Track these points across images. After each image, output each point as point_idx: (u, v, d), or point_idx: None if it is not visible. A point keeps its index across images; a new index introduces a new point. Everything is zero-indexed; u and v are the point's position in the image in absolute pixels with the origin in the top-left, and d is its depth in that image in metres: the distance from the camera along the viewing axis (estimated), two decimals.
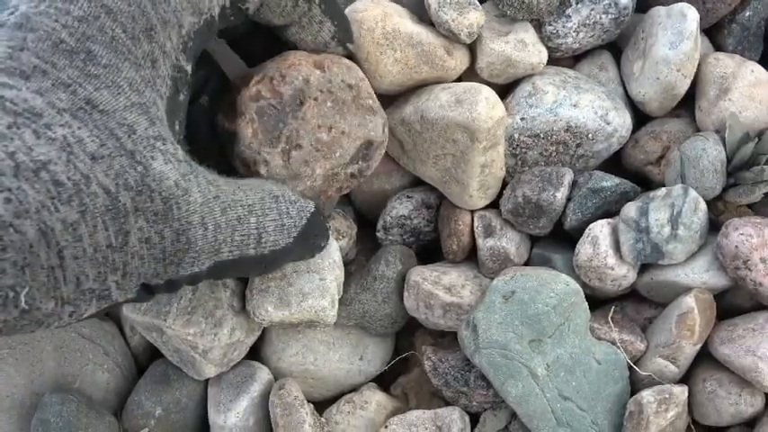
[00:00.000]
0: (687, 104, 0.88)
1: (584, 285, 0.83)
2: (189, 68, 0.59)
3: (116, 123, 0.51)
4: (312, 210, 0.67)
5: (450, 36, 0.81)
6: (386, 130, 0.75)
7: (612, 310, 0.84)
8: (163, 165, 0.52)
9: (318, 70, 0.71)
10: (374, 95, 0.75)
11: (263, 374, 0.87)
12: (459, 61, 0.84)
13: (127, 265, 0.52)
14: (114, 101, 0.51)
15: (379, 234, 0.91)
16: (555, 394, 0.79)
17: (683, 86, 0.84)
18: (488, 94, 0.80)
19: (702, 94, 0.86)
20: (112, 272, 0.51)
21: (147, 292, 0.55)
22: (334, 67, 0.72)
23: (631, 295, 0.87)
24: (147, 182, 0.51)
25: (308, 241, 0.69)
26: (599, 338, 0.82)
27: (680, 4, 0.84)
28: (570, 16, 0.85)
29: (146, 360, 0.91)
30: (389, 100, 0.87)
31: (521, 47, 0.84)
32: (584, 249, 0.81)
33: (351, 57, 0.77)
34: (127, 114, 0.52)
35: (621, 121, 0.85)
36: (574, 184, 0.84)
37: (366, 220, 0.96)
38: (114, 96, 0.51)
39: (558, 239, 0.88)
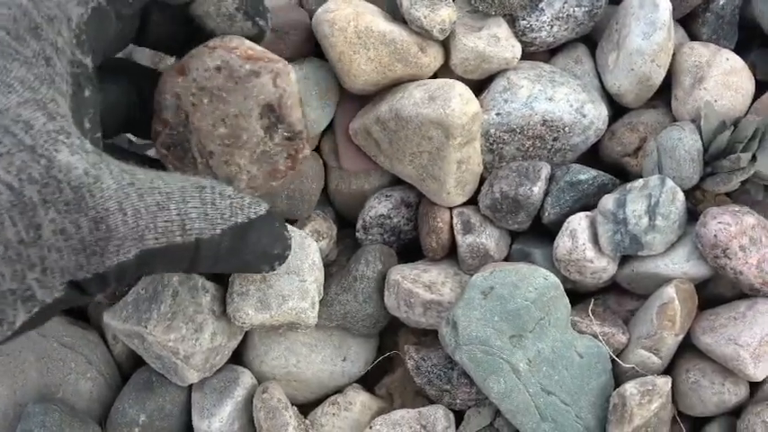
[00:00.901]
0: (663, 95, 0.88)
1: (564, 279, 0.82)
2: (88, 62, 0.58)
3: (10, 121, 0.50)
4: (259, 212, 0.63)
5: (423, 33, 0.81)
6: (279, 80, 0.69)
7: (592, 302, 0.84)
8: (69, 156, 0.51)
9: (180, 77, 0.68)
10: (255, 53, 0.69)
11: (246, 379, 0.86)
12: (434, 58, 0.83)
13: (45, 260, 0.50)
14: (5, 99, 0.50)
15: (359, 234, 0.91)
16: (538, 389, 0.79)
17: (658, 77, 0.84)
18: (462, 89, 0.79)
19: (678, 84, 0.86)
20: (30, 268, 0.50)
21: (76, 289, 0.54)
22: (193, 61, 0.68)
23: (613, 288, 0.87)
24: (52, 173, 0.50)
25: (256, 246, 0.66)
26: (581, 332, 0.82)
27: None
28: (543, 10, 0.85)
29: (129, 368, 0.91)
30: (365, 99, 0.88)
31: (494, 42, 0.83)
32: (562, 243, 0.81)
33: (259, 39, 0.72)
34: (21, 111, 0.50)
35: (597, 113, 0.85)
36: (551, 178, 0.84)
37: (346, 220, 0.95)
38: (5, 95, 0.50)
39: (538, 234, 0.87)
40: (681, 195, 0.80)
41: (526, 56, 0.87)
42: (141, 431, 0.85)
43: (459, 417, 0.86)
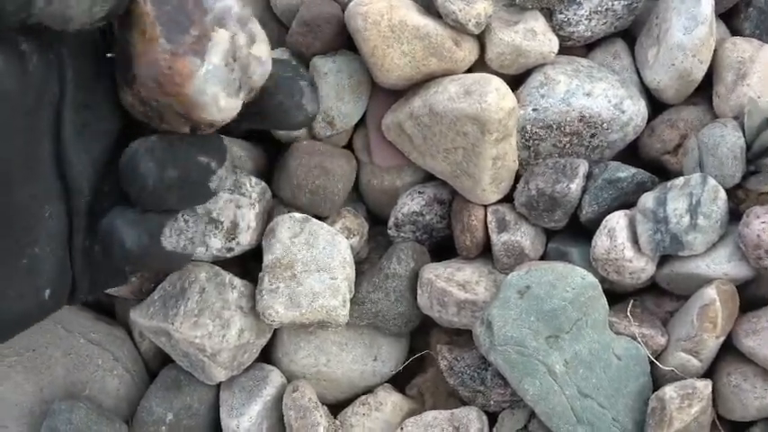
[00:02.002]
0: (704, 91, 0.85)
1: (602, 279, 0.81)
2: None
3: None
4: None
5: (458, 27, 0.79)
6: None
7: (631, 303, 0.82)
8: None
9: None
10: None
11: (275, 377, 0.86)
12: (469, 53, 0.82)
13: None
14: None
15: (391, 231, 0.89)
16: (574, 392, 0.77)
17: (699, 72, 0.82)
18: (498, 84, 0.78)
19: (719, 80, 0.84)
20: None
21: None
22: None
23: (651, 288, 0.85)
24: None
25: None
26: (618, 333, 0.80)
27: None
28: (581, 3, 0.83)
29: (157, 365, 0.90)
30: (398, 94, 0.86)
31: (530, 36, 0.82)
32: (600, 242, 0.79)
33: None
34: None
35: (636, 109, 0.83)
36: (589, 176, 0.82)
37: (378, 217, 0.94)
38: None
39: (575, 233, 0.86)
40: (723, 194, 0.78)
41: (563, 50, 0.85)
42: (168, 430, 0.85)
43: (492, 419, 0.84)
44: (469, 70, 0.84)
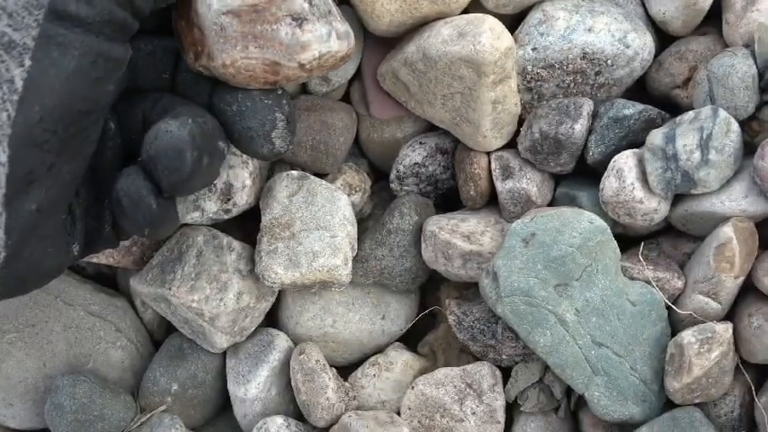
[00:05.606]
0: (713, 20, 0.82)
1: (614, 224, 0.78)
2: None
3: None
4: None
5: None
6: None
7: (643, 246, 0.79)
8: None
9: None
10: None
11: (281, 342, 0.84)
12: None
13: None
14: None
15: (393, 185, 0.87)
16: (587, 341, 0.75)
17: (706, 0, 0.78)
18: (493, 23, 0.74)
19: (728, 7, 0.80)
20: None
21: (60, 18, 0.52)
22: None
23: (668, 230, 0.82)
24: None
25: None
26: (632, 278, 0.77)
27: None
28: None
29: (161, 335, 0.89)
30: (392, 43, 0.83)
31: None
32: (609, 183, 0.76)
33: None
34: None
35: (642, 43, 0.79)
36: (595, 115, 0.79)
37: (381, 172, 0.92)
38: None
39: (584, 176, 0.82)
40: (735, 126, 0.74)
41: None
42: (174, 400, 0.84)
43: (506, 373, 0.82)
44: (465, 12, 0.80)
